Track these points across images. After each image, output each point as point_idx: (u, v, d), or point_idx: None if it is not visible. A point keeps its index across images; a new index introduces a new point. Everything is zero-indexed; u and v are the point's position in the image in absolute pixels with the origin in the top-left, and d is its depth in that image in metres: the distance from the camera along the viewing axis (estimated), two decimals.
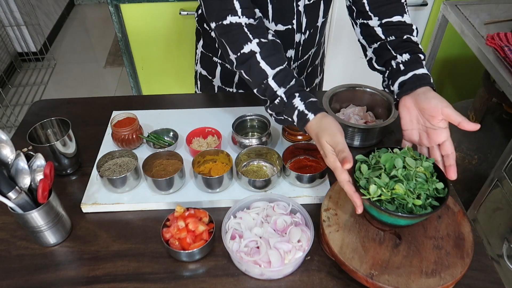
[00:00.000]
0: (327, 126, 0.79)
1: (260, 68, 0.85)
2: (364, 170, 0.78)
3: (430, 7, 1.96)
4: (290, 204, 0.85)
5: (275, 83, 0.84)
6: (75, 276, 0.79)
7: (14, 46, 3.22)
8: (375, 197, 0.73)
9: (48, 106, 1.22)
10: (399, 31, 0.91)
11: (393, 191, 0.73)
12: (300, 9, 1.01)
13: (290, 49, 1.10)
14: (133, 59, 2.06)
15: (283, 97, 0.84)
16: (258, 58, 0.85)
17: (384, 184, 0.74)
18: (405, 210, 0.74)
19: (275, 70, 0.85)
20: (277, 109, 0.86)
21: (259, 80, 0.86)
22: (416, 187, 0.74)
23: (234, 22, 0.86)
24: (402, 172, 0.75)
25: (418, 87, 0.82)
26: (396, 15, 0.92)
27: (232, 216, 0.84)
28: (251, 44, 0.85)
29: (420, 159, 0.79)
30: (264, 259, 0.77)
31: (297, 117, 0.83)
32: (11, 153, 0.79)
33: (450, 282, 0.71)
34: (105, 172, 0.94)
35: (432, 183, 0.76)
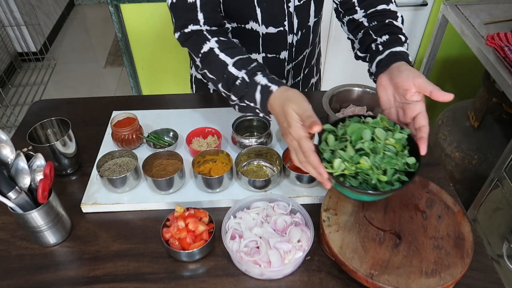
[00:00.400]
0: (293, 95, 0.75)
1: (219, 59, 0.85)
2: (331, 142, 0.72)
3: (430, 7, 1.96)
4: (290, 204, 0.85)
5: (235, 69, 0.83)
6: (75, 276, 0.79)
7: (14, 46, 3.22)
8: (338, 171, 0.68)
9: (48, 106, 1.22)
10: (382, 16, 0.91)
11: (357, 166, 0.68)
12: (291, 10, 1.01)
13: (284, 50, 1.10)
14: (133, 59, 2.06)
15: (245, 77, 0.82)
16: (217, 51, 0.85)
17: (348, 157, 0.68)
18: (369, 186, 0.69)
19: (235, 59, 0.84)
20: (240, 93, 0.83)
21: (220, 72, 0.85)
22: (383, 162, 0.68)
23: (195, 29, 0.89)
24: (369, 145, 0.69)
25: (393, 62, 0.80)
26: (381, 4, 0.93)
27: (232, 216, 0.84)
28: (210, 43, 0.87)
29: (393, 130, 0.73)
30: (264, 259, 0.77)
31: (260, 93, 0.79)
32: (11, 153, 0.79)
33: (450, 282, 0.71)
34: (105, 172, 0.94)
35: (402, 157, 0.70)
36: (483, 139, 1.64)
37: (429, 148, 1.05)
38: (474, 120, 1.67)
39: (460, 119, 1.74)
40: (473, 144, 1.65)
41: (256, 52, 1.09)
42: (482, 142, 1.63)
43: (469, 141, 1.66)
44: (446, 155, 1.74)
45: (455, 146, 1.69)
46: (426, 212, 0.84)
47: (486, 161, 1.61)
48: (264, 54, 1.10)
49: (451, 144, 1.71)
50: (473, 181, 1.67)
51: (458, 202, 0.88)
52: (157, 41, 2.00)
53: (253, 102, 0.82)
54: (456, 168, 1.71)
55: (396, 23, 0.90)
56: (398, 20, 0.91)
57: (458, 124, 1.73)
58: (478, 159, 1.63)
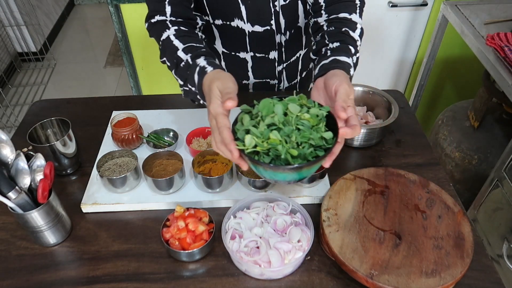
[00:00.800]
0: (222, 75, 0.75)
1: (172, 45, 0.86)
2: (246, 121, 0.68)
3: (430, 7, 1.96)
4: (290, 204, 0.85)
5: (183, 53, 0.84)
6: (75, 276, 0.79)
7: (14, 46, 3.22)
8: (249, 148, 0.64)
9: (48, 106, 1.22)
10: (340, 24, 0.90)
11: (268, 141, 0.64)
12: (278, 9, 1.01)
13: (273, 50, 1.10)
14: (133, 59, 2.06)
15: (189, 60, 0.83)
16: (172, 38, 0.88)
17: (259, 133, 0.65)
18: (282, 162, 0.65)
19: (186, 45, 0.85)
20: (184, 75, 0.83)
21: (171, 57, 0.86)
22: (296, 135, 0.64)
23: (161, 19, 0.91)
24: (280, 119, 0.65)
25: (332, 69, 0.78)
26: (344, 12, 0.92)
27: (232, 216, 0.84)
28: (169, 31, 0.89)
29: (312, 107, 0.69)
30: (264, 259, 0.77)
31: (197, 74, 0.79)
32: (11, 153, 0.79)
33: (450, 282, 0.71)
34: (105, 172, 0.94)
35: (317, 131, 0.66)
36: (483, 139, 1.64)
37: (429, 148, 1.06)
38: (474, 120, 1.67)
39: (460, 119, 1.74)
40: (473, 144, 1.65)
41: (244, 50, 1.09)
42: (482, 142, 1.63)
43: (469, 141, 1.66)
44: (446, 155, 1.74)
45: (455, 146, 1.69)
46: (426, 212, 0.84)
47: (486, 161, 1.61)
48: (252, 53, 1.10)
49: (451, 144, 1.71)
50: (473, 181, 1.67)
51: (458, 202, 0.88)
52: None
53: (193, 86, 0.82)
54: (456, 168, 1.71)
55: (352, 33, 0.88)
56: (356, 32, 0.89)
57: (458, 124, 1.73)
58: (478, 159, 1.63)
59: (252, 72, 1.15)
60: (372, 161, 1.02)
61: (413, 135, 1.10)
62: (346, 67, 0.80)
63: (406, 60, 2.17)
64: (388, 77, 2.26)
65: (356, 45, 0.88)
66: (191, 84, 0.82)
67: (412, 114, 1.17)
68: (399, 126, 1.12)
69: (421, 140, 1.08)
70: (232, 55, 1.11)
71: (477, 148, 1.63)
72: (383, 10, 1.94)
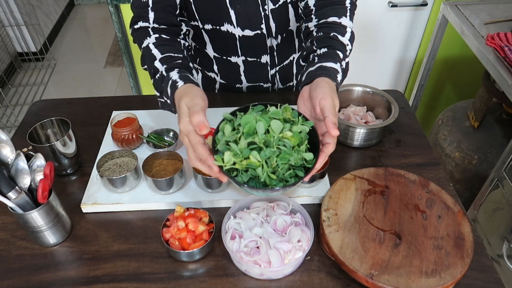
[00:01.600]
0: (191, 91, 0.74)
1: (151, 54, 0.86)
2: (227, 132, 0.67)
3: (430, 7, 1.96)
4: (290, 204, 0.85)
5: (159, 63, 0.84)
6: (75, 276, 0.79)
7: (14, 46, 3.22)
8: (228, 165, 0.64)
9: (48, 106, 1.22)
10: (329, 28, 0.88)
11: (247, 161, 0.63)
12: (268, 13, 1.00)
13: (265, 54, 1.09)
14: (133, 59, 2.06)
15: (163, 72, 0.82)
16: (151, 46, 0.87)
17: (239, 150, 0.64)
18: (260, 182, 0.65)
19: (163, 55, 0.85)
20: (159, 88, 0.83)
21: (150, 66, 0.85)
22: (276, 157, 0.64)
23: (144, 26, 0.90)
24: (262, 139, 0.64)
25: (318, 76, 0.76)
26: (334, 16, 0.89)
27: (232, 216, 0.84)
28: (150, 39, 0.88)
29: (295, 123, 0.69)
30: (264, 259, 0.77)
31: (169, 88, 0.79)
32: (11, 153, 0.79)
33: (450, 282, 0.71)
34: (105, 172, 0.94)
35: (297, 152, 0.66)
36: (483, 139, 1.64)
37: (429, 148, 1.06)
38: (474, 120, 1.67)
39: (460, 119, 1.74)
40: (473, 144, 1.65)
41: (235, 55, 1.09)
42: (482, 142, 1.63)
43: (469, 141, 1.66)
44: (446, 155, 1.74)
45: (455, 146, 1.69)
46: (426, 212, 0.84)
47: (486, 161, 1.61)
48: (244, 57, 1.09)
49: (451, 144, 1.71)
50: (473, 181, 1.67)
51: (458, 202, 0.88)
52: None
53: (168, 99, 0.81)
54: (456, 168, 1.71)
55: (341, 38, 0.86)
56: (345, 36, 0.87)
57: (458, 124, 1.73)
58: (478, 159, 1.63)
59: (244, 76, 1.15)
60: (372, 161, 1.02)
61: (413, 135, 1.10)
62: (332, 74, 0.78)
63: (406, 60, 2.17)
64: (388, 77, 2.26)
65: (345, 50, 0.85)
66: (166, 97, 0.81)
67: (412, 114, 1.17)
68: (399, 126, 1.12)
69: (421, 140, 1.08)
70: (224, 59, 1.11)
71: (477, 148, 1.63)
72: (383, 10, 1.94)
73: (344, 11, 0.90)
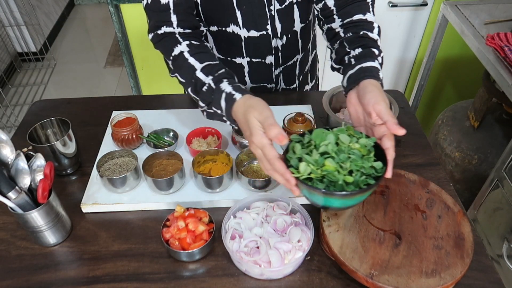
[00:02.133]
0: (255, 103, 0.74)
1: (188, 64, 0.85)
2: (297, 149, 0.72)
3: (430, 7, 1.96)
4: (290, 204, 0.85)
5: (203, 74, 0.83)
6: (75, 276, 0.79)
7: (14, 46, 3.23)
8: (304, 175, 0.68)
9: (48, 106, 1.22)
10: (357, 27, 0.89)
11: (323, 168, 0.67)
12: (274, 14, 1.00)
13: (269, 55, 1.09)
14: (133, 59, 2.06)
15: (211, 84, 0.82)
16: (186, 55, 0.86)
17: (314, 161, 0.68)
18: (336, 189, 0.68)
19: (203, 64, 0.84)
20: (207, 99, 0.83)
21: (189, 76, 0.85)
22: (349, 163, 0.68)
23: (168, 31, 0.89)
24: (333, 148, 0.69)
25: (361, 80, 0.78)
26: (358, 13, 0.90)
27: (232, 216, 0.84)
28: (181, 46, 0.87)
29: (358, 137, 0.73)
30: (264, 259, 0.77)
31: (224, 100, 0.79)
32: (11, 153, 0.79)
33: (450, 282, 0.71)
34: (105, 172, 0.94)
35: (367, 160, 0.69)
36: (483, 139, 1.64)
37: (429, 148, 1.06)
38: (474, 120, 1.67)
39: (460, 119, 1.74)
40: (473, 144, 1.65)
41: (240, 56, 1.09)
42: (482, 142, 1.63)
43: (469, 141, 1.66)
44: (446, 155, 1.74)
45: (455, 146, 1.69)
46: (426, 212, 0.84)
47: (486, 161, 1.61)
48: (248, 58, 1.09)
49: (451, 144, 1.71)
50: (473, 181, 1.67)
51: (458, 202, 0.88)
52: None
53: (219, 109, 0.81)
54: (456, 168, 1.71)
55: (371, 34, 0.87)
56: (374, 32, 0.88)
57: (458, 124, 1.73)
58: (478, 159, 1.63)
59: (248, 77, 1.15)
60: None
61: (413, 135, 1.10)
62: (375, 73, 0.79)
63: (406, 60, 2.17)
64: (388, 77, 2.26)
65: (377, 46, 0.86)
66: (217, 108, 0.81)
67: (412, 114, 1.17)
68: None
69: (421, 140, 1.08)
70: (228, 61, 1.11)
71: (477, 148, 1.63)
72: (383, 10, 1.94)
73: (367, 7, 0.91)
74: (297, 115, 1.01)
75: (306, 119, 1.01)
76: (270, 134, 0.69)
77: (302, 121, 1.00)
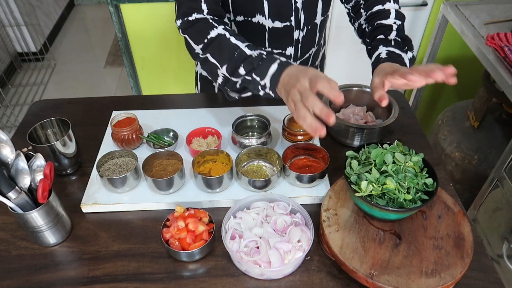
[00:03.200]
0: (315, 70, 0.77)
1: (231, 42, 0.86)
2: (355, 166, 0.80)
3: (430, 7, 1.96)
4: (290, 204, 0.85)
5: (249, 50, 0.85)
6: (75, 276, 0.79)
7: (14, 46, 3.22)
8: (366, 192, 0.75)
9: (48, 106, 1.22)
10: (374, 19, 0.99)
11: (384, 186, 0.75)
12: (299, 6, 1.02)
13: (290, 46, 1.10)
14: (133, 59, 2.06)
15: (262, 53, 0.83)
16: (228, 35, 0.88)
17: (375, 179, 0.76)
18: (395, 205, 0.75)
19: (246, 43, 0.86)
20: (252, 65, 0.83)
21: (231, 52, 0.86)
22: (406, 182, 0.75)
23: (200, 17, 0.90)
24: (392, 167, 0.76)
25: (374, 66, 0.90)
26: (378, 4, 0.99)
27: (232, 216, 0.84)
28: (218, 29, 0.88)
29: (409, 154, 0.81)
30: (264, 259, 0.77)
31: (277, 65, 0.80)
32: (11, 153, 0.79)
33: (450, 282, 0.71)
34: (105, 172, 0.94)
35: (421, 177, 0.77)
36: (483, 139, 1.64)
37: (429, 148, 1.06)
38: (474, 120, 1.67)
39: (460, 119, 1.74)
40: (473, 144, 1.65)
41: (262, 46, 1.09)
42: (482, 142, 1.63)
43: (469, 141, 1.66)
44: (446, 155, 1.74)
45: (455, 146, 1.69)
46: (426, 212, 0.84)
47: (486, 161, 1.61)
48: (270, 49, 1.10)
49: (451, 144, 1.71)
50: (473, 181, 1.67)
51: (458, 202, 0.88)
52: (157, 41, 2.00)
53: (261, 76, 0.82)
54: (456, 168, 1.71)
55: (385, 21, 0.96)
56: (390, 17, 0.97)
57: (458, 124, 1.73)
58: (478, 159, 1.63)
59: None
60: None
61: (413, 135, 1.10)
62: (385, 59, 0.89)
63: None
64: None
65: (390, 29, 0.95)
66: (259, 74, 0.82)
67: (412, 114, 1.17)
68: (399, 126, 1.12)
69: (421, 140, 1.08)
70: None
71: (477, 148, 1.63)
72: None
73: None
74: None
75: None
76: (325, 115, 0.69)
77: None
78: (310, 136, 1.01)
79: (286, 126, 1.01)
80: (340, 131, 1.05)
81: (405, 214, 0.76)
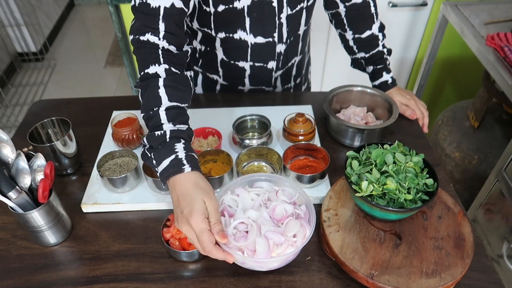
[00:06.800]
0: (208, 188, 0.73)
1: (157, 93, 0.78)
2: (355, 166, 0.80)
3: (430, 7, 1.96)
4: (297, 194, 0.80)
5: (165, 116, 0.78)
6: (75, 276, 0.79)
7: (14, 46, 3.22)
8: (367, 192, 0.75)
9: (48, 106, 1.22)
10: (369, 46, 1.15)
11: (384, 187, 0.75)
12: (282, 21, 1.01)
13: (271, 60, 1.09)
14: (133, 59, 2.06)
15: (167, 134, 0.77)
16: (160, 83, 0.79)
17: (375, 179, 0.76)
18: (396, 205, 0.76)
19: (172, 104, 0.78)
20: (153, 143, 0.77)
21: (150, 106, 0.79)
22: (406, 182, 0.76)
23: (152, 41, 0.82)
24: (392, 168, 0.76)
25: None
26: (367, 30, 1.12)
27: (229, 191, 0.80)
28: (158, 67, 0.80)
29: (410, 154, 0.81)
30: (250, 246, 0.71)
31: (170, 162, 0.74)
32: (12, 153, 0.79)
33: (450, 282, 0.71)
34: (106, 172, 0.94)
35: (421, 178, 0.78)
36: (483, 139, 1.64)
37: (429, 148, 1.06)
38: (474, 120, 1.67)
39: (460, 119, 1.74)
40: (473, 144, 1.65)
41: (244, 60, 1.09)
42: (482, 142, 1.63)
43: (469, 141, 1.66)
44: (446, 155, 1.74)
45: (455, 146, 1.69)
46: (427, 212, 0.84)
47: (486, 161, 1.61)
48: (251, 63, 1.09)
49: (451, 144, 1.71)
50: (473, 181, 1.67)
51: (458, 203, 0.88)
52: None
53: (158, 163, 0.76)
54: (456, 168, 1.71)
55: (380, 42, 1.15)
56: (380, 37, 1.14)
57: (458, 124, 1.73)
58: (478, 159, 1.63)
59: (248, 80, 1.15)
60: None
61: (413, 136, 1.10)
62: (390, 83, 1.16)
63: (406, 60, 2.17)
64: None
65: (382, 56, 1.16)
66: (157, 159, 0.76)
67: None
68: (399, 126, 1.12)
69: (421, 141, 1.08)
70: (231, 63, 1.11)
71: (477, 148, 1.63)
72: (383, 10, 1.94)
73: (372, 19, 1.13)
74: (297, 115, 1.01)
75: (307, 120, 1.01)
76: (215, 229, 0.69)
77: (303, 121, 1.00)
78: (311, 137, 1.01)
79: (286, 126, 1.01)
80: (340, 132, 1.05)
81: (406, 214, 0.76)
